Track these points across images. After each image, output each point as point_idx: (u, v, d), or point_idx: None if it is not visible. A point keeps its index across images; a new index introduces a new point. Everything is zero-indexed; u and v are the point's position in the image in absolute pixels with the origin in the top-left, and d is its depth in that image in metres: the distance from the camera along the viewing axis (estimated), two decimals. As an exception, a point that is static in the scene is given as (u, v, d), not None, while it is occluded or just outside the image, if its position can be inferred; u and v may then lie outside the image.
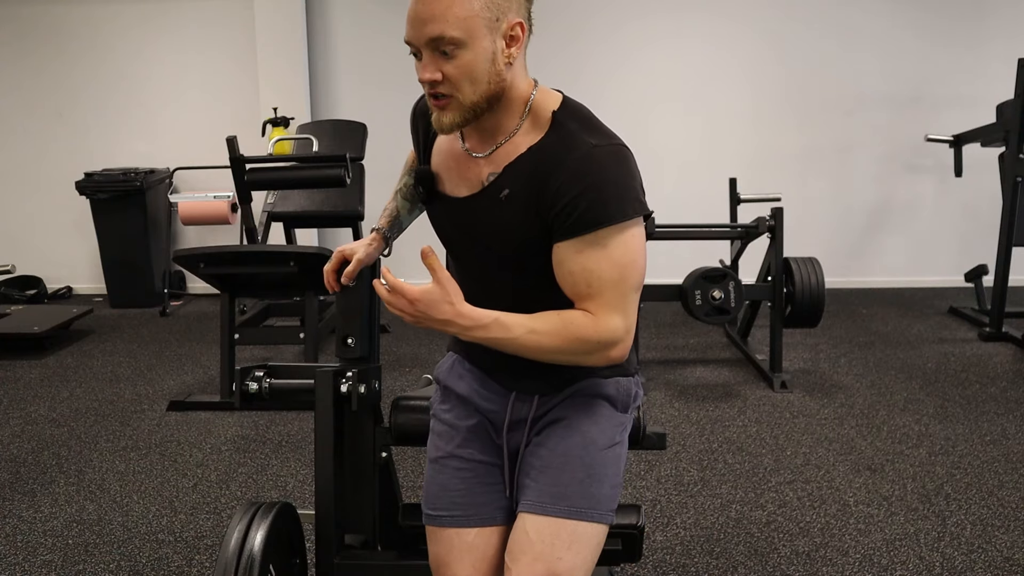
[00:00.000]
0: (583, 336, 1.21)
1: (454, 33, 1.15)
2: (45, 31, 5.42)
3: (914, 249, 5.52)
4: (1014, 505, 2.41)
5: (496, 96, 1.23)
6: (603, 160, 1.20)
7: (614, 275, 1.20)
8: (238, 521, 1.40)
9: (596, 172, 1.19)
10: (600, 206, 1.18)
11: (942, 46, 5.27)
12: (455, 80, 1.19)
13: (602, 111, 1.28)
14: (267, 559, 1.37)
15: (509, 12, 1.19)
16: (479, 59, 1.18)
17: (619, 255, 1.20)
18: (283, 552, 1.49)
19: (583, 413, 1.36)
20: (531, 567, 1.25)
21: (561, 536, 1.27)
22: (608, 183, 1.19)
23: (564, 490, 1.29)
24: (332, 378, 1.54)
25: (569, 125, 1.24)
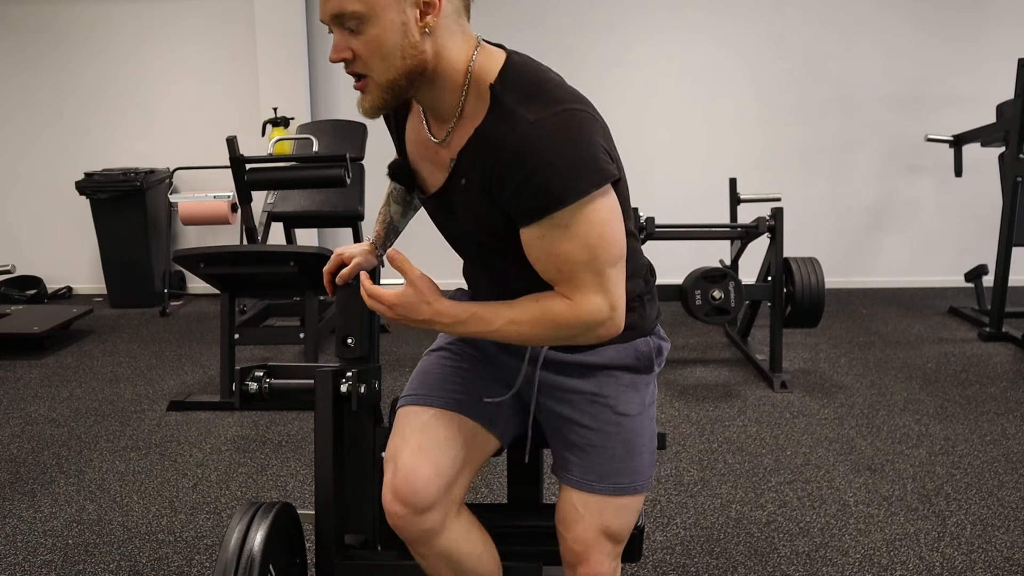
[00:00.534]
0: (563, 322, 1.18)
1: (354, 7, 1.08)
2: (45, 31, 5.42)
3: (914, 249, 5.52)
4: (1014, 505, 2.41)
5: (417, 71, 1.13)
6: (544, 137, 1.09)
7: (583, 256, 1.14)
8: (238, 521, 1.40)
9: (537, 153, 1.08)
10: (549, 189, 1.09)
11: (942, 46, 5.28)
12: (365, 57, 1.12)
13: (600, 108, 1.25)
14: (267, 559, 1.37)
15: None
16: (387, 32, 1.10)
17: (584, 233, 1.12)
18: (283, 552, 1.49)
19: (611, 387, 1.36)
20: (584, 533, 1.34)
21: (608, 508, 1.35)
22: (553, 162, 1.08)
23: (607, 468, 1.34)
24: (332, 378, 1.54)
25: (506, 100, 1.14)
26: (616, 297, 1.19)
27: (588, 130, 1.13)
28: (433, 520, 1.32)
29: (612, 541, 1.37)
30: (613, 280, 1.18)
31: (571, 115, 1.12)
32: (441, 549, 1.35)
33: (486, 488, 2.55)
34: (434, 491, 1.30)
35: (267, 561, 1.37)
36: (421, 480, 1.30)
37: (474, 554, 1.39)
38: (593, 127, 1.14)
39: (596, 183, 1.11)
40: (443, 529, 1.33)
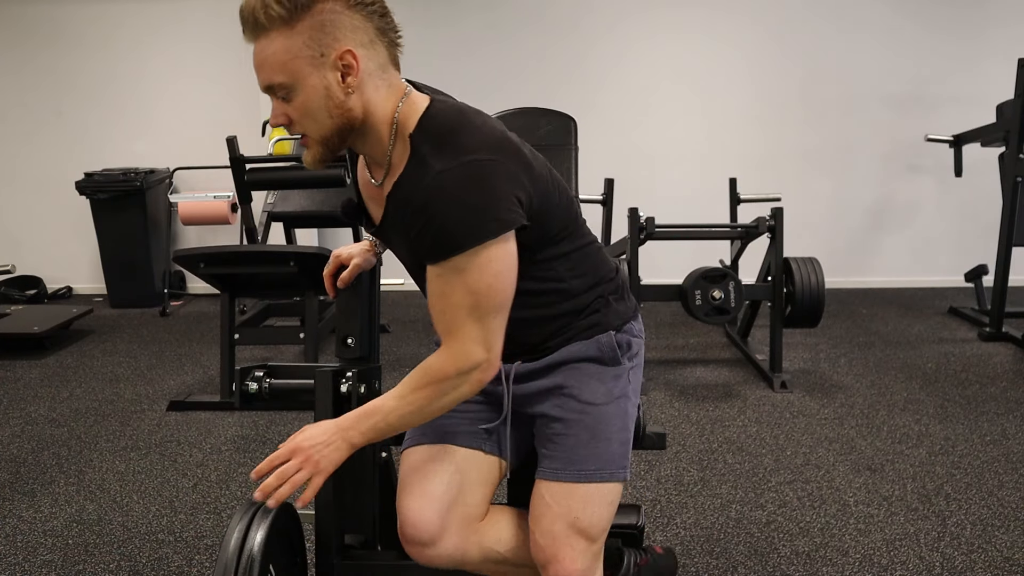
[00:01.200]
0: (442, 376, 1.24)
1: (279, 79, 1.17)
2: (45, 31, 5.42)
3: (914, 249, 5.52)
4: (1014, 505, 2.41)
5: (347, 127, 1.22)
6: (447, 186, 1.16)
7: (467, 301, 1.20)
8: (238, 521, 1.40)
9: (439, 201, 1.16)
10: (448, 235, 1.16)
11: (942, 46, 5.28)
12: (298, 120, 1.21)
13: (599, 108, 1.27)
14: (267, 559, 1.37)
15: (336, 43, 1.16)
16: (312, 97, 1.19)
17: (474, 280, 1.18)
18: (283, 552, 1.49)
19: (574, 378, 1.40)
20: (551, 526, 1.33)
21: (575, 497, 1.34)
22: (451, 211, 1.16)
23: (572, 455, 1.36)
24: (332, 378, 1.53)
25: (422, 150, 1.21)
26: (493, 343, 1.24)
27: (492, 180, 1.17)
28: (450, 545, 1.39)
29: (583, 537, 1.33)
30: (491, 329, 1.23)
31: (477, 165, 1.17)
32: (475, 559, 1.42)
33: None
34: (436, 521, 1.38)
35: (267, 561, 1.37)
36: (421, 519, 1.38)
37: (512, 546, 1.44)
38: (498, 176, 1.18)
39: (492, 232, 1.17)
40: (467, 545, 1.41)
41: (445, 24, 5.31)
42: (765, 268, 3.71)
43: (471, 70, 5.25)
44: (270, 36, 1.16)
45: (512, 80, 5.25)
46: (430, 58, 5.21)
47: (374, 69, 1.21)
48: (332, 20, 1.16)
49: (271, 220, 4.32)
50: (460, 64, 5.27)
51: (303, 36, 1.15)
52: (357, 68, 1.18)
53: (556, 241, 1.33)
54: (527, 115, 3.64)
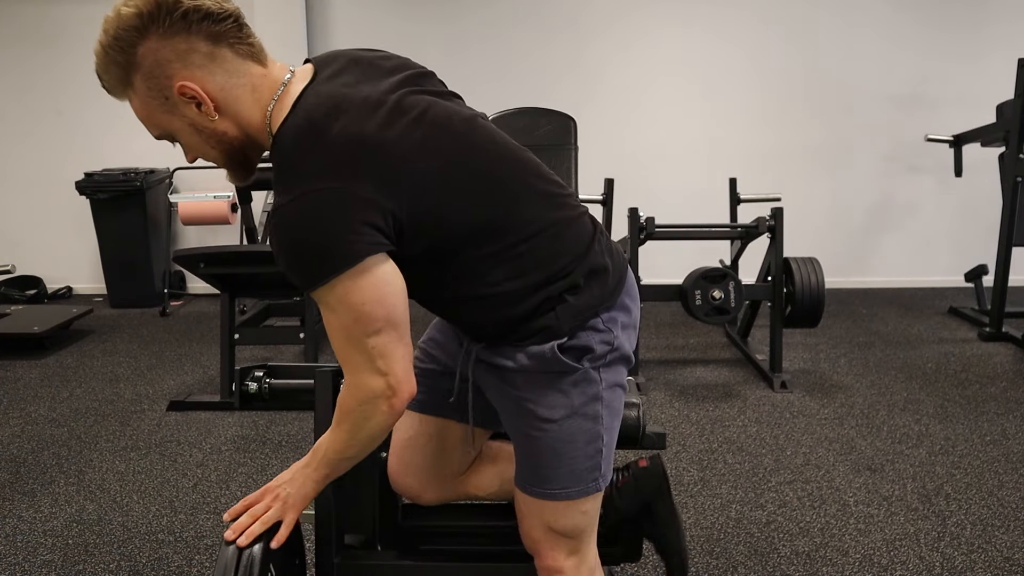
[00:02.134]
0: (347, 410, 1.20)
1: (156, 132, 1.17)
2: (45, 31, 5.42)
3: (914, 249, 5.51)
4: (1014, 505, 2.41)
5: (234, 147, 1.19)
6: (283, 226, 1.10)
7: (341, 334, 1.13)
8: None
9: (280, 243, 1.11)
10: (297, 274, 1.11)
11: (942, 45, 5.28)
12: (197, 156, 1.21)
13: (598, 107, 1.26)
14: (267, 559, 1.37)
15: (171, 79, 1.10)
16: (187, 136, 1.17)
17: (341, 314, 1.11)
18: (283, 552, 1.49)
19: (531, 389, 1.26)
20: (530, 530, 1.36)
21: (546, 510, 1.32)
22: (293, 253, 1.10)
23: (536, 475, 1.30)
24: (332, 378, 1.54)
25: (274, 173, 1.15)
26: (390, 363, 1.15)
27: (327, 214, 1.07)
28: (432, 496, 1.55)
29: (564, 537, 1.32)
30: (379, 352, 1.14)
31: (313, 198, 1.07)
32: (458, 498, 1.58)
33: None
34: (416, 486, 1.54)
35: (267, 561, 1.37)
36: (405, 483, 1.55)
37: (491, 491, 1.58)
38: (336, 208, 1.07)
39: (339, 268, 1.07)
40: (448, 494, 1.56)
41: (443, 22, 5.31)
42: (765, 268, 3.71)
43: (469, 68, 5.24)
44: (125, 100, 1.16)
45: (510, 78, 5.25)
46: (428, 56, 5.16)
47: (225, 81, 1.12)
48: (156, 60, 1.09)
49: (271, 220, 4.31)
50: (458, 61, 5.27)
51: (142, 89, 1.11)
52: (201, 93, 1.11)
53: (475, 244, 1.17)
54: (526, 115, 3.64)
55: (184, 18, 1.07)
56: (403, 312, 1.16)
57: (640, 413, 1.64)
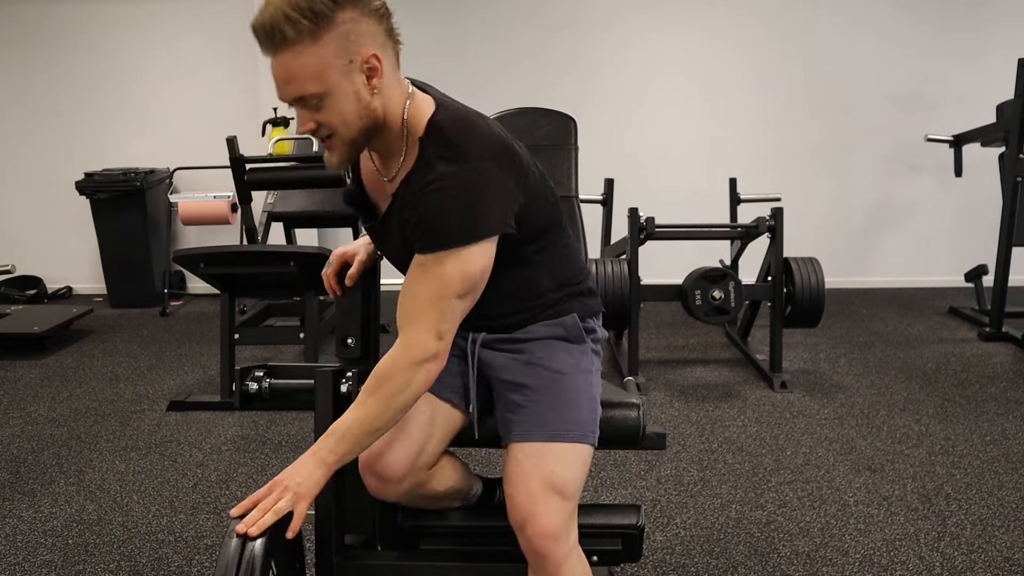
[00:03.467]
0: (395, 371, 1.30)
1: (313, 89, 1.22)
2: (45, 31, 5.42)
3: (914, 249, 5.52)
4: (1014, 505, 2.41)
5: (372, 127, 1.29)
6: (445, 190, 1.25)
7: (436, 290, 1.27)
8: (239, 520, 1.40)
9: (437, 203, 1.25)
10: (436, 233, 1.26)
11: (942, 45, 5.28)
12: (329, 125, 1.26)
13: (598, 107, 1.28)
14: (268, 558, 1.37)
15: (360, 48, 1.22)
16: (344, 102, 1.24)
17: (448, 273, 1.26)
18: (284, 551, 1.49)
19: (542, 350, 1.47)
20: (528, 484, 1.36)
21: (548, 456, 1.39)
22: (446, 212, 1.25)
23: (543, 417, 1.41)
24: (332, 378, 1.54)
25: (428, 152, 1.29)
26: (445, 334, 1.30)
27: (487, 188, 1.27)
28: (406, 486, 1.49)
29: (559, 495, 1.36)
30: (449, 319, 1.30)
31: (476, 173, 1.26)
32: (417, 497, 1.54)
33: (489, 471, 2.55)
34: (405, 461, 1.46)
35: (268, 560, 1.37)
36: (392, 454, 1.46)
37: (449, 488, 1.58)
38: (493, 185, 1.27)
39: (478, 235, 1.26)
40: (416, 488, 1.51)
41: (442, 22, 5.31)
42: (765, 268, 3.71)
43: (469, 68, 5.24)
44: (296, 49, 1.20)
45: (510, 78, 5.25)
46: (427, 56, 5.21)
47: (389, 70, 1.27)
48: (354, 28, 1.21)
49: (271, 220, 4.31)
50: (458, 62, 5.27)
51: (331, 47, 1.20)
52: (381, 70, 1.25)
53: (536, 241, 1.41)
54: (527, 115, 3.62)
55: (377, 9, 1.24)
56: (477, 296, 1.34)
57: (640, 413, 1.64)
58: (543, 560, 1.36)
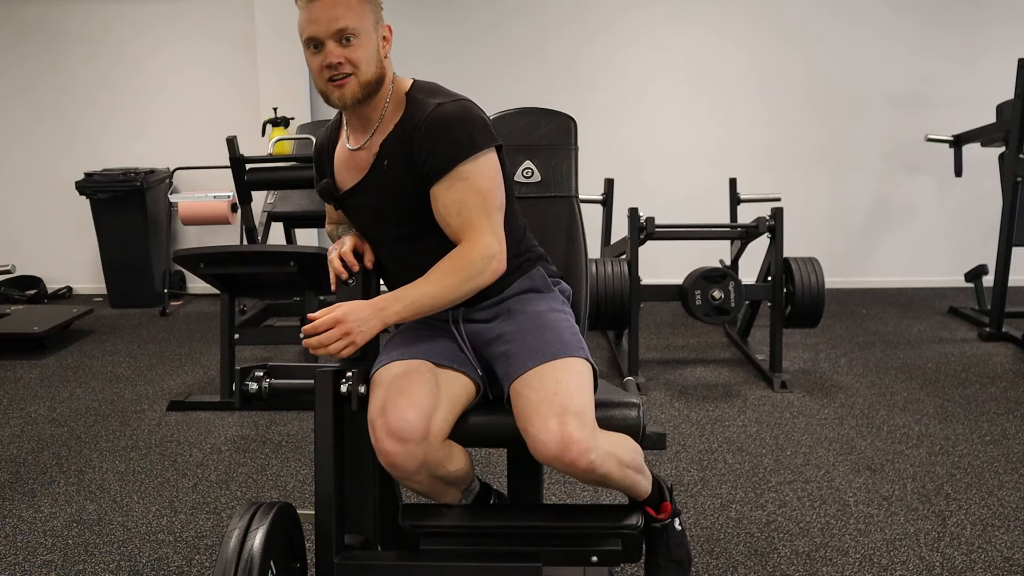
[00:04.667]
0: (468, 261, 1.51)
1: (355, 24, 1.49)
2: (45, 32, 5.43)
3: (914, 249, 5.52)
4: (1014, 505, 2.41)
5: (379, 79, 1.55)
6: (446, 112, 1.53)
7: (477, 200, 1.52)
8: (238, 520, 1.40)
9: (442, 123, 1.51)
10: (452, 146, 1.50)
11: (942, 46, 5.28)
12: (355, 61, 1.51)
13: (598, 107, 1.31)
14: (267, 558, 1.37)
15: (382, 19, 1.57)
16: (370, 46, 1.53)
17: (479, 183, 1.52)
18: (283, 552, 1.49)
19: (518, 303, 1.64)
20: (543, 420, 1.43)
21: (547, 376, 1.49)
22: (453, 127, 1.51)
23: (530, 348, 1.54)
24: (332, 378, 1.53)
25: (418, 96, 1.58)
26: (501, 236, 1.56)
27: (477, 110, 1.57)
28: (422, 451, 1.49)
29: (574, 416, 1.43)
30: (498, 223, 1.56)
31: (464, 102, 1.57)
32: (431, 472, 1.54)
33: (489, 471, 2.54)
34: (419, 424, 1.48)
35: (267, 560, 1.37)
36: (408, 416, 1.48)
37: (459, 469, 1.60)
38: (477, 109, 1.57)
39: (487, 142, 1.54)
40: (430, 457, 1.51)
41: (443, 22, 5.31)
42: (765, 268, 3.71)
43: (469, 68, 5.25)
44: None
45: (509, 78, 5.25)
46: (426, 56, 5.21)
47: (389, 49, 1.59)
48: (378, 3, 1.57)
49: (271, 220, 4.31)
50: (458, 62, 5.27)
51: (368, 5, 1.53)
52: (390, 42, 1.58)
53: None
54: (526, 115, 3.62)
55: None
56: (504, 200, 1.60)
57: (640, 413, 1.64)
58: (584, 472, 1.44)
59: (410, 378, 1.52)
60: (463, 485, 1.68)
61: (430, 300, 1.50)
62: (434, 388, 1.53)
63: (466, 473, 1.64)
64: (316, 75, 1.54)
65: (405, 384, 1.51)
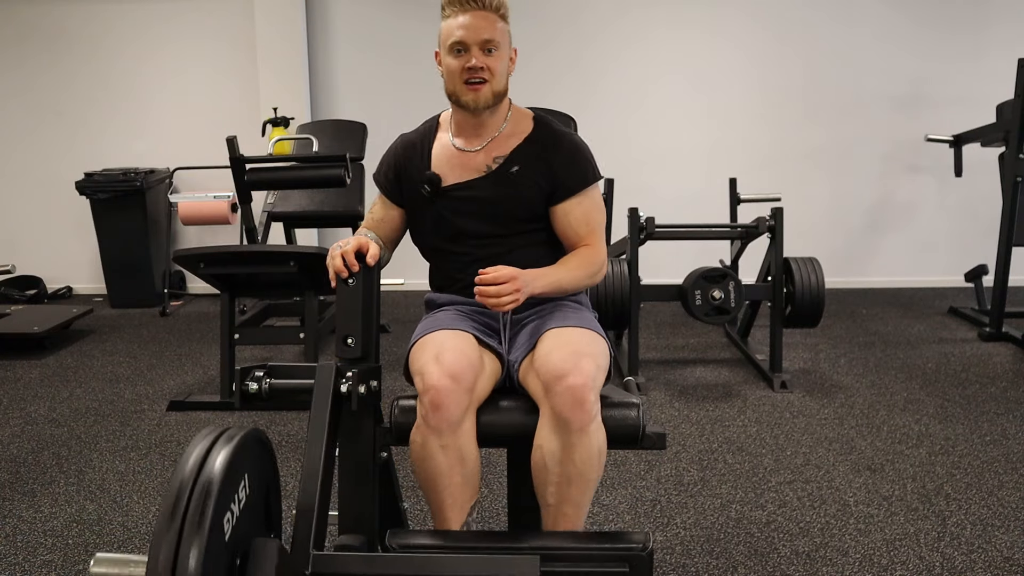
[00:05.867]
0: (594, 260, 1.80)
1: (497, 39, 1.75)
2: (45, 32, 5.43)
3: (914, 249, 5.52)
4: (1014, 505, 2.41)
5: (504, 92, 1.80)
6: (579, 143, 1.86)
7: (600, 217, 1.85)
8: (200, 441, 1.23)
9: (579, 151, 1.84)
10: (585, 173, 1.83)
11: (942, 46, 5.28)
12: (492, 69, 1.74)
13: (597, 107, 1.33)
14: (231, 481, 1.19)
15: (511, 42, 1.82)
16: (504, 60, 1.78)
17: (600, 203, 1.86)
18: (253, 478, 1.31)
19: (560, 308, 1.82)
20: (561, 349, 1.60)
21: (572, 333, 1.67)
22: (586, 158, 1.85)
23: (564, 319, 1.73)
24: (333, 370, 1.51)
25: (546, 121, 1.88)
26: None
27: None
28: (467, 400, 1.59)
29: (590, 358, 1.59)
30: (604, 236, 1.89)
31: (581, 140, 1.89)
32: (460, 442, 1.60)
33: (486, 489, 2.55)
34: (471, 373, 1.60)
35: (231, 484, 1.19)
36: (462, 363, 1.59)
37: (475, 459, 1.65)
38: None
39: (598, 176, 1.87)
40: (466, 420, 1.60)
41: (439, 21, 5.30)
42: (765, 268, 3.71)
43: (471, 70, 5.24)
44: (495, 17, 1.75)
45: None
46: (427, 55, 5.20)
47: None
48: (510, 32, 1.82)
49: (271, 220, 4.31)
50: (460, 64, 5.26)
51: (507, 30, 1.79)
52: (515, 64, 1.85)
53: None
54: (527, 115, 3.63)
55: None
56: None
57: (640, 413, 1.64)
58: (578, 409, 1.53)
59: (459, 341, 1.66)
60: (471, 493, 1.66)
61: (562, 284, 1.75)
62: (480, 356, 1.67)
63: (476, 478, 1.67)
64: (453, 76, 1.74)
65: (456, 343, 1.65)
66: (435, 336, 1.69)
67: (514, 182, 1.79)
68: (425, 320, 1.83)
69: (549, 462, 1.57)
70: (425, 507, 2.33)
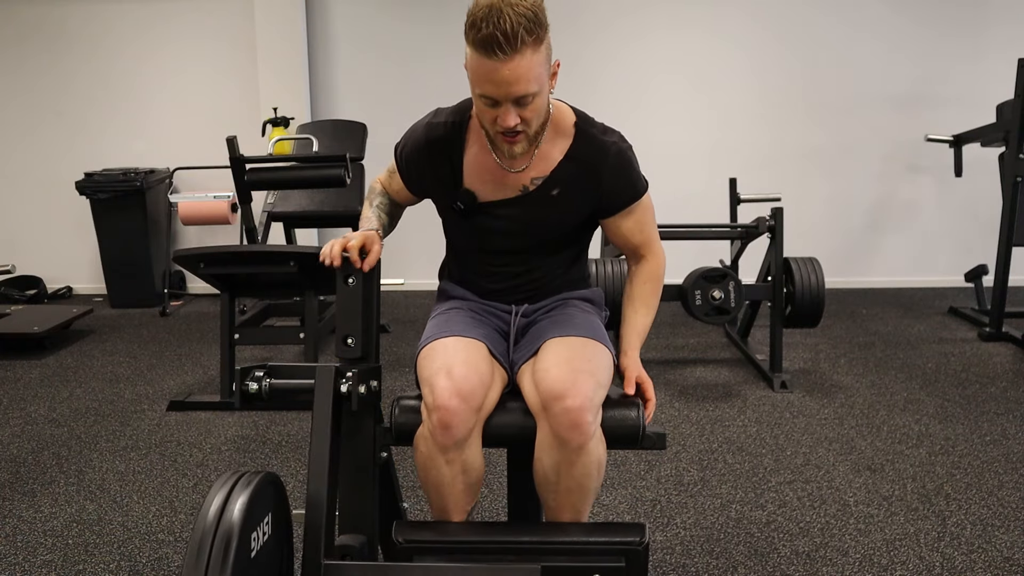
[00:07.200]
0: (658, 275, 1.83)
1: (534, 89, 1.47)
2: (45, 32, 5.42)
3: (914, 249, 5.52)
4: (1014, 505, 2.41)
5: (546, 122, 1.61)
6: (627, 154, 1.70)
7: (649, 217, 1.80)
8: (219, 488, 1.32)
9: (627, 164, 1.70)
10: (635, 184, 1.73)
11: (942, 46, 5.28)
12: (529, 120, 1.52)
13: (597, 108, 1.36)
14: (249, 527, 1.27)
15: (552, 54, 1.53)
16: (544, 100, 1.54)
17: (648, 204, 1.78)
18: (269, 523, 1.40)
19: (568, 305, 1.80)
20: (561, 365, 1.55)
21: (574, 345, 1.62)
22: (634, 169, 1.72)
23: (565, 325, 1.69)
24: (333, 372, 1.51)
25: (590, 131, 1.67)
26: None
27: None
28: (475, 419, 1.56)
29: (591, 375, 1.54)
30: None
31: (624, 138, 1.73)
32: (465, 456, 1.58)
33: (486, 489, 2.55)
34: (481, 391, 1.56)
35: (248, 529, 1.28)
36: (472, 380, 1.55)
37: (479, 469, 1.63)
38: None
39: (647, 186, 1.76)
40: (472, 437, 1.57)
41: (443, 22, 5.30)
42: (765, 268, 3.71)
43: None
44: (524, 54, 1.43)
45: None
46: (429, 55, 5.21)
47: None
48: (550, 42, 1.51)
49: (271, 220, 4.31)
50: (458, 62, 5.23)
51: (544, 52, 1.48)
52: (556, 77, 1.58)
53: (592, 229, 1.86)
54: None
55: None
56: None
57: (640, 413, 1.64)
58: (575, 431, 1.49)
59: (471, 352, 1.61)
60: (472, 497, 1.68)
61: (648, 326, 1.82)
62: (491, 369, 1.63)
63: (479, 484, 1.67)
64: (486, 122, 1.56)
65: (468, 356, 1.59)
66: (447, 344, 1.63)
67: (553, 204, 1.68)
68: (437, 316, 1.78)
69: (550, 475, 1.57)
70: (425, 507, 2.33)
